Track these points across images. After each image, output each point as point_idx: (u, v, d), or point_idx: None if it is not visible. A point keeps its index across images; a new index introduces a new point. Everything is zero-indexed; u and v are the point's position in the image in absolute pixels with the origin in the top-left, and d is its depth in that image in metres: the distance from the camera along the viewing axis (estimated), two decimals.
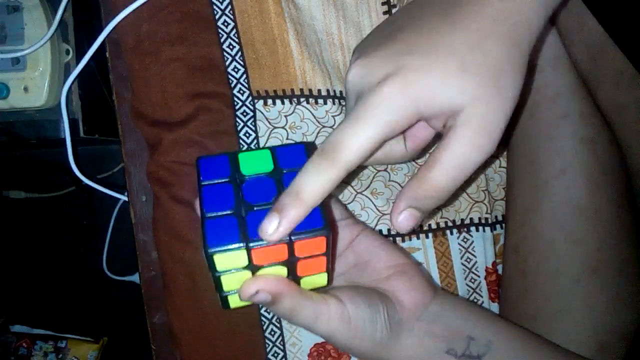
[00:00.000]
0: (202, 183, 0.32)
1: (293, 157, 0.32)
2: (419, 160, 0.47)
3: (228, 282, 0.31)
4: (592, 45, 0.37)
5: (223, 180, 0.32)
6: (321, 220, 0.29)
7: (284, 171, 0.32)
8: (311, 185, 0.28)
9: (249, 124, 0.45)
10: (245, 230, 0.29)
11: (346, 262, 0.38)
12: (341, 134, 0.28)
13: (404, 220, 0.30)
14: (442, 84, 0.27)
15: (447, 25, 0.28)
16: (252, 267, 0.30)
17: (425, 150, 0.38)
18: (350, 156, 0.28)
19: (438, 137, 0.31)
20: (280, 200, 0.29)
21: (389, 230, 0.46)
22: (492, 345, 0.35)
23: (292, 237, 0.29)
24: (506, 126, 0.28)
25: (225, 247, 0.29)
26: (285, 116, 0.45)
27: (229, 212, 0.30)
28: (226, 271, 0.30)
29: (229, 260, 0.29)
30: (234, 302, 0.33)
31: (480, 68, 0.27)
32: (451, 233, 0.47)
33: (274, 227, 0.28)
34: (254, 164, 0.32)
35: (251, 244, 0.29)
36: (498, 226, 0.48)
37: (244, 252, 0.29)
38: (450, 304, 0.37)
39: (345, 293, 0.34)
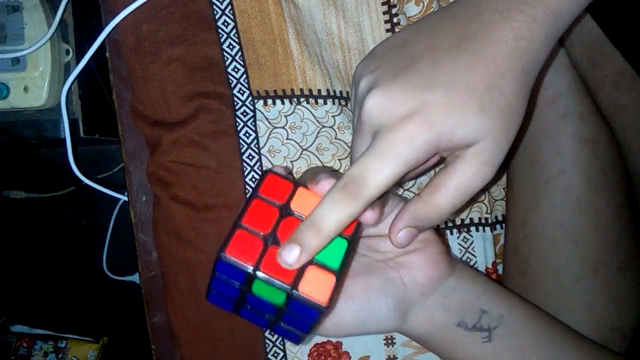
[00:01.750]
0: (216, 274, 0.32)
1: (305, 310, 0.30)
2: None
3: None
4: (591, 46, 0.37)
5: (233, 282, 0.31)
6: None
7: (290, 311, 0.31)
8: (332, 218, 0.29)
9: (249, 124, 0.45)
10: (238, 312, 0.34)
11: (368, 231, 0.37)
12: (365, 170, 0.28)
13: (403, 238, 0.32)
14: (462, 124, 0.28)
15: (465, 59, 0.29)
16: None
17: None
18: (372, 193, 0.29)
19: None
20: (299, 231, 0.29)
21: None
22: (504, 319, 0.35)
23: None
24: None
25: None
26: (285, 116, 0.45)
27: (230, 297, 0.33)
28: None
29: None
30: None
31: (495, 107, 0.28)
32: (451, 233, 0.47)
33: (294, 257, 0.29)
34: (267, 292, 0.31)
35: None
36: (498, 226, 0.48)
37: None
38: (468, 278, 0.37)
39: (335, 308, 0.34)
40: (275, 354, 0.46)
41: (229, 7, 0.45)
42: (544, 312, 0.39)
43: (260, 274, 0.29)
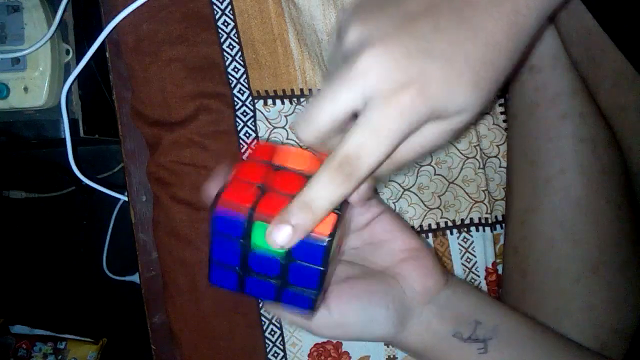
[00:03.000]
0: (214, 233, 0.31)
1: (309, 252, 0.30)
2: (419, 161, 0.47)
3: None
4: (592, 45, 0.37)
5: (233, 239, 0.31)
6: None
7: (295, 260, 0.30)
8: (324, 198, 0.28)
9: (249, 124, 0.45)
10: (243, 286, 0.32)
11: (361, 238, 0.37)
12: (360, 149, 0.27)
13: (364, 190, 0.31)
14: (456, 99, 0.28)
15: (466, 30, 0.28)
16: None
17: None
18: (366, 173, 0.28)
19: None
20: (290, 210, 0.28)
21: None
22: (499, 330, 0.35)
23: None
24: None
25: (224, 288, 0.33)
26: (285, 116, 0.45)
27: (232, 267, 0.32)
28: None
29: None
30: None
31: (487, 83, 0.28)
32: (451, 233, 0.47)
33: (285, 237, 0.28)
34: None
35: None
36: (498, 226, 0.48)
37: None
38: (461, 289, 0.37)
39: (338, 299, 0.34)
40: (275, 354, 0.46)
41: (229, 7, 0.45)
42: (538, 322, 0.39)
43: (257, 215, 0.29)
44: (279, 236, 0.28)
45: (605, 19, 0.35)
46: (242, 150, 0.44)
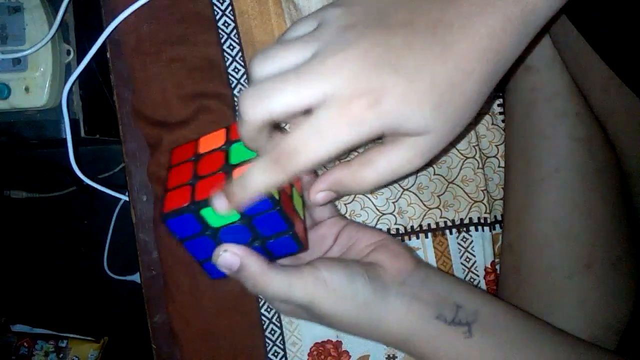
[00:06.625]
0: (181, 241, 0.34)
1: (259, 205, 0.32)
2: None
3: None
4: (578, 53, 0.37)
5: (199, 234, 0.34)
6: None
7: (253, 216, 0.33)
8: (259, 182, 0.30)
9: None
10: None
11: (333, 253, 0.39)
12: (300, 145, 0.28)
13: (322, 198, 0.33)
14: (414, 117, 0.27)
15: (438, 50, 0.27)
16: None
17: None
18: (301, 168, 0.28)
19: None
20: (229, 186, 0.31)
21: (388, 229, 0.46)
22: (480, 313, 0.35)
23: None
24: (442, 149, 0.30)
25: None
26: None
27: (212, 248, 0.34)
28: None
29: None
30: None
31: (452, 107, 0.28)
32: (450, 233, 0.47)
33: (223, 205, 0.31)
34: (220, 216, 0.32)
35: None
36: (497, 226, 0.48)
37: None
38: (435, 273, 0.38)
39: (321, 261, 0.35)
40: (276, 354, 0.46)
41: (229, 7, 0.45)
42: (516, 307, 0.39)
43: (200, 203, 0.32)
44: (218, 204, 0.31)
45: (589, 29, 0.35)
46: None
